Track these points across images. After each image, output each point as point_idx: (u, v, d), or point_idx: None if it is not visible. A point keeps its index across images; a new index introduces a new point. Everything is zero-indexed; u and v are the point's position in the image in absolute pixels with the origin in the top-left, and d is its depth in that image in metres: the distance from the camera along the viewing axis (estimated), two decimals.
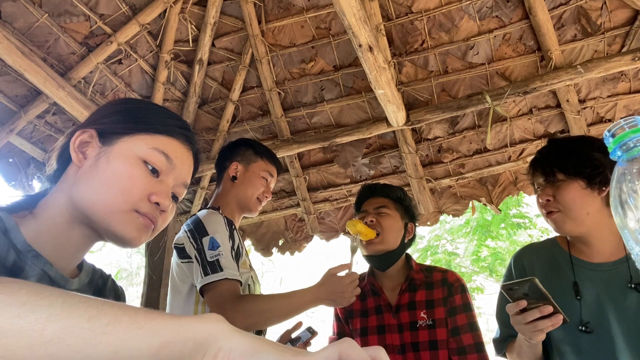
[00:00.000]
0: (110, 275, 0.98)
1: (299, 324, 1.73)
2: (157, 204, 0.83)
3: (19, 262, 0.73)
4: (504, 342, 1.45)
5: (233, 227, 1.64)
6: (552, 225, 1.33)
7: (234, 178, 1.81)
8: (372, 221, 1.77)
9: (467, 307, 1.68)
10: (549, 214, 1.32)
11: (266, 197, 1.85)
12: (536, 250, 1.47)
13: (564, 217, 1.29)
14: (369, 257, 1.80)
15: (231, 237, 1.59)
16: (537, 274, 1.33)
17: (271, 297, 1.51)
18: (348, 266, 1.55)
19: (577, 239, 1.34)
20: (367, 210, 1.84)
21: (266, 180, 1.85)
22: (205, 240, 1.54)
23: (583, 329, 1.24)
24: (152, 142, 0.85)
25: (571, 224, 1.28)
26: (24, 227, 0.77)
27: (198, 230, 1.56)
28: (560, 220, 1.29)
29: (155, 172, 0.84)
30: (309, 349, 1.72)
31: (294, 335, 1.71)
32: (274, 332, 1.85)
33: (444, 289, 1.71)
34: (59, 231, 0.81)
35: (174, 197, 0.90)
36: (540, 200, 1.35)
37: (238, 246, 1.62)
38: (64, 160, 0.86)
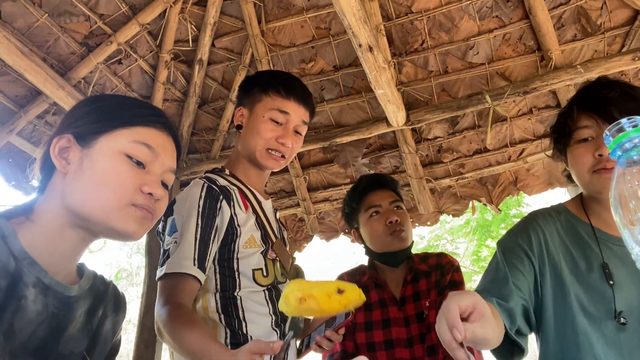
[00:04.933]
0: (111, 282, 0.99)
1: None
2: (151, 194, 0.85)
3: (18, 269, 0.74)
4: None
5: (226, 197, 1.30)
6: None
7: (239, 127, 1.45)
8: (397, 220, 1.72)
9: (455, 284, 1.64)
10: None
11: (282, 144, 1.37)
12: (554, 218, 1.22)
13: None
14: (387, 254, 1.73)
15: (212, 210, 1.25)
16: (558, 247, 1.16)
17: (187, 326, 1.10)
18: (274, 350, 0.93)
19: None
20: (381, 205, 1.77)
21: (276, 122, 1.38)
22: (168, 222, 1.27)
23: (619, 320, 1.05)
24: (131, 135, 0.86)
25: None
26: (21, 234, 0.78)
27: (168, 208, 1.26)
28: None
29: (140, 164, 0.86)
30: (341, 332, 1.33)
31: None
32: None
33: (437, 273, 1.72)
34: (53, 237, 0.82)
35: (164, 185, 0.92)
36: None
37: (231, 222, 1.29)
38: (48, 168, 0.87)
